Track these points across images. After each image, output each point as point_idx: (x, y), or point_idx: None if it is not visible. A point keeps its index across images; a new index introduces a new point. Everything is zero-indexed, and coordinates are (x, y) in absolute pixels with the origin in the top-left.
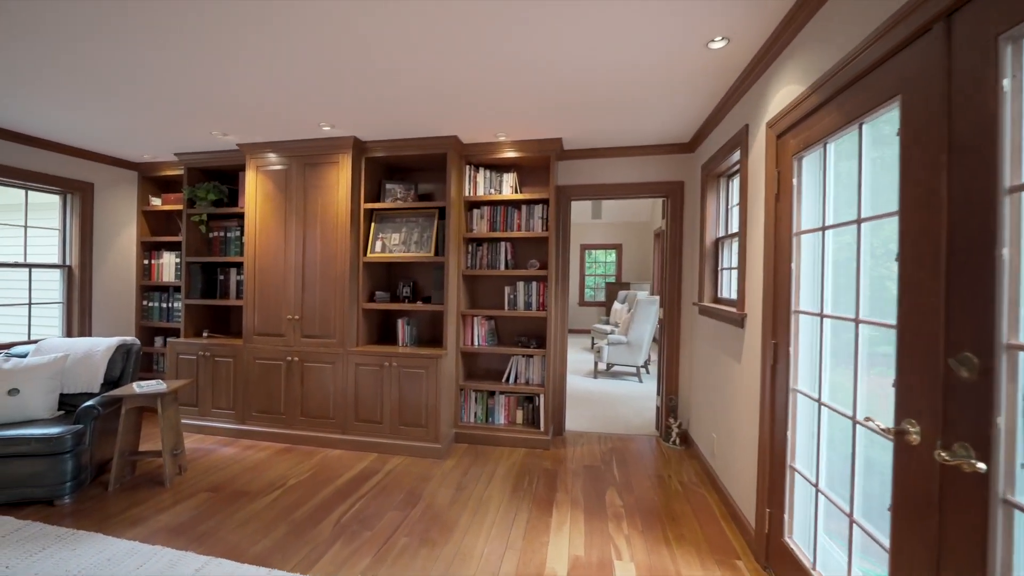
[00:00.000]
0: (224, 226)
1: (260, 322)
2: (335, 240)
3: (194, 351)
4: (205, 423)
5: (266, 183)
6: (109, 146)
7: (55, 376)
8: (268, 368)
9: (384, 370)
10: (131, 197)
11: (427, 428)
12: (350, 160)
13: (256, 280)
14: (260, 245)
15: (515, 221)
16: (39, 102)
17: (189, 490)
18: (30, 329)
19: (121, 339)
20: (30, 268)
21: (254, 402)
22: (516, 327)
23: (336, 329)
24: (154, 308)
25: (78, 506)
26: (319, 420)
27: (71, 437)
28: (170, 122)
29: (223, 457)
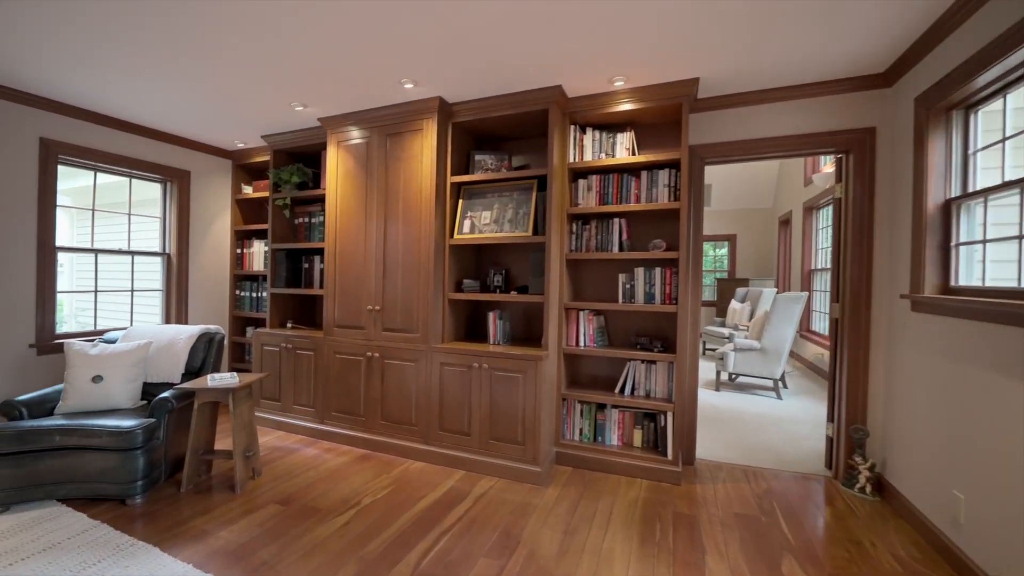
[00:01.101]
0: (308, 211)
1: (340, 313)
2: (418, 219)
3: (277, 342)
4: (286, 419)
5: (347, 159)
6: (202, 131)
7: (138, 364)
8: (348, 364)
9: (473, 372)
10: (225, 185)
11: (524, 446)
12: (435, 126)
13: (336, 267)
14: (340, 228)
15: (631, 191)
16: (132, 82)
17: (259, 500)
18: (132, 316)
19: (204, 327)
20: (132, 255)
21: (333, 400)
22: (632, 324)
23: (419, 322)
24: (245, 297)
25: (148, 508)
26: (400, 426)
27: (142, 432)
28: (250, 95)
29: (300, 460)
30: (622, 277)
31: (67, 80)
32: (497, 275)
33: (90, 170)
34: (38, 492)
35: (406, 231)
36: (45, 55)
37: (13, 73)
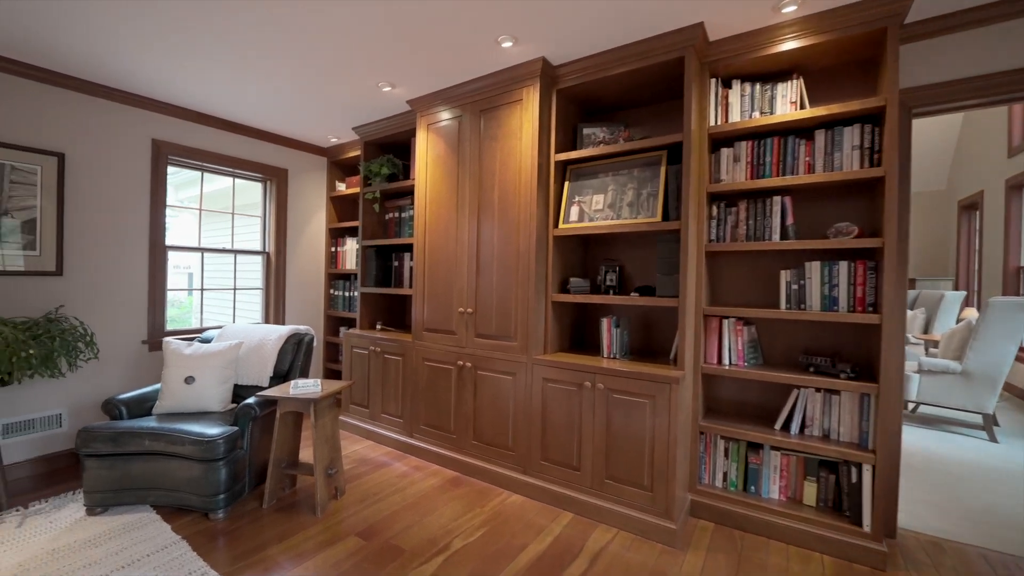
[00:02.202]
0: (398, 205)
1: (430, 315)
2: (517, 207)
3: (366, 345)
4: (375, 429)
5: (437, 143)
6: (297, 128)
7: (228, 365)
8: (437, 373)
9: (584, 392)
10: (321, 183)
11: (652, 492)
12: (536, 94)
13: (425, 264)
14: (430, 220)
15: (799, 158)
16: (230, 73)
17: (339, 528)
18: (234, 314)
19: (294, 328)
20: (235, 254)
21: (422, 412)
22: (798, 338)
23: (517, 328)
24: (339, 297)
25: (229, 524)
26: (495, 450)
27: (224, 442)
28: (338, 76)
29: (387, 479)
30: (786, 275)
31: (174, 79)
32: (610, 273)
33: (197, 170)
34: (131, 496)
35: (503, 221)
36: (154, 56)
37: (128, 77)
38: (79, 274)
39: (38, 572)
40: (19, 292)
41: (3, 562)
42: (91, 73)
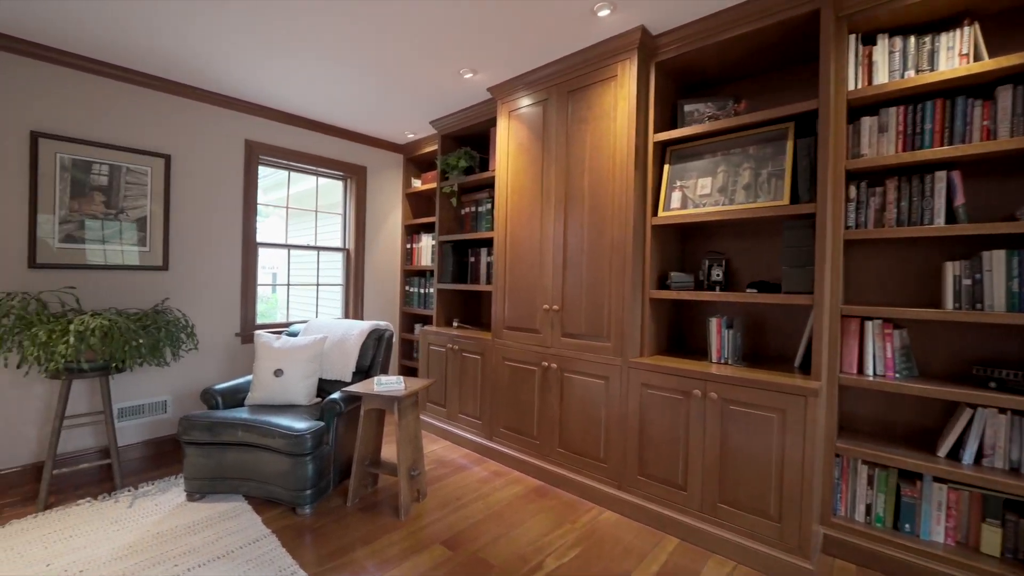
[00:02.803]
0: (475, 199)
1: (511, 312)
2: (610, 193)
3: (443, 343)
4: (452, 429)
5: (519, 130)
6: (375, 124)
7: (314, 359)
8: (519, 374)
9: (692, 402)
10: (397, 180)
11: (779, 522)
12: (634, 68)
13: (506, 258)
14: (511, 212)
15: (975, 123)
16: (312, 70)
17: (424, 535)
18: (317, 309)
19: (374, 324)
20: (318, 251)
21: (502, 415)
22: (965, 346)
23: (610, 328)
24: (414, 293)
25: (315, 521)
26: (584, 460)
27: (311, 437)
28: (418, 65)
29: (467, 483)
30: (953, 267)
31: (264, 81)
32: (715, 267)
33: (284, 169)
34: (226, 485)
35: (593, 211)
36: (247, 58)
37: (224, 79)
38: (181, 269)
39: (146, 555)
40: (131, 285)
41: (117, 541)
42: (193, 78)
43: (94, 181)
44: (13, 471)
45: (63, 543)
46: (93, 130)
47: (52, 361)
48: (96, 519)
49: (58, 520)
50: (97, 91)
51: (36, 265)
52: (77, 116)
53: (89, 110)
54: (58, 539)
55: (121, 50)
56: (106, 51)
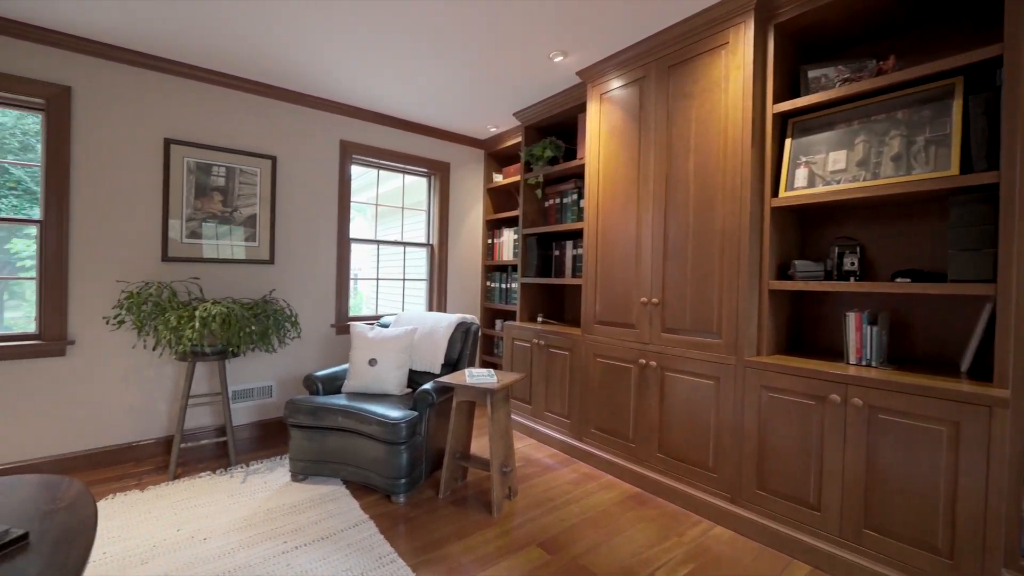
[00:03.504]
0: (560, 190)
1: (603, 306)
2: (720, 173)
3: (528, 338)
4: (537, 427)
5: (612, 113)
6: (459, 119)
7: (404, 350)
8: (613, 371)
9: (828, 408)
10: (478, 175)
11: (952, 559)
12: (750, 33)
13: (598, 249)
14: (603, 201)
15: None
16: (398, 70)
17: (518, 534)
18: (403, 303)
19: (461, 317)
20: (404, 246)
21: (593, 414)
22: None
23: (721, 323)
24: (495, 289)
25: (409, 511)
26: (689, 468)
27: (406, 426)
28: (506, 52)
29: (558, 484)
30: None
31: (356, 82)
32: (848, 254)
33: (374, 167)
34: (326, 468)
35: (700, 194)
36: (342, 61)
37: (322, 82)
38: (285, 263)
39: (258, 529)
40: (242, 277)
41: (233, 514)
42: (296, 83)
43: (213, 182)
44: (149, 443)
45: (190, 511)
46: (213, 135)
47: (180, 344)
48: (215, 491)
49: (185, 489)
50: (216, 99)
51: (167, 258)
52: (200, 123)
53: (210, 117)
54: (185, 507)
55: (237, 61)
56: (224, 63)
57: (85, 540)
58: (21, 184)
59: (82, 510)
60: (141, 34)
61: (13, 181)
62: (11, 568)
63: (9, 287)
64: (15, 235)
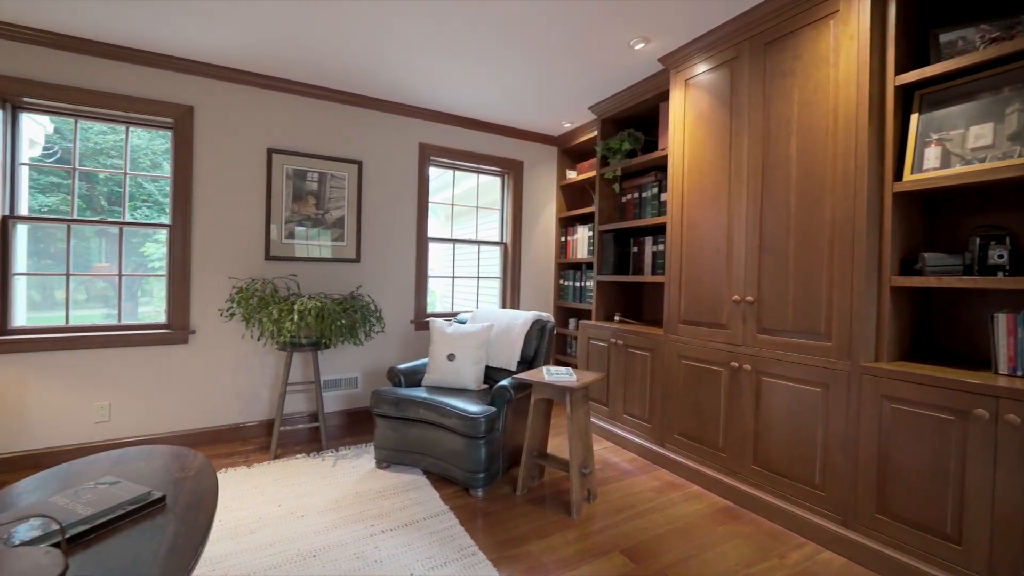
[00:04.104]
0: (638, 184)
1: (688, 305)
2: (828, 157)
3: (605, 337)
4: (615, 430)
5: (698, 100)
6: (532, 116)
7: (481, 346)
8: (699, 374)
9: (971, 425)
10: (551, 173)
11: None
12: (867, 1)
13: (682, 245)
14: (688, 192)
15: None
16: (475, 70)
17: (599, 539)
18: (478, 301)
19: (536, 314)
20: (479, 245)
21: (677, 419)
22: None
23: (831, 323)
24: (568, 287)
25: (487, 505)
26: (791, 484)
27: (485, 421)
28: (584, 43)
29: (639, 491)
30: None
31: (433, 86)
32: (995, 245)
33: (449, 168)
34: (408, 458)
35: (804, 181)
36: (421, 66)
37: (401, 88)
38: (370, 261)
39: (348, 510)
40: (331, 275)
41: (326, 494)
42: (379, 90)
43: (308, 187)
44: (253, 424)
45: (289, 488)
46: (307, 143)
47: (281, 335)
48: (310, 472)
49: (284, 468)
50: (310, 110)
51: (270, 257)
52: (296, 132)
53: (304, 126)
54: (285, 484)
55: (329, 74)
56: (318, 76)
57: (210, 506)
58: (151, 197)
59: (206, 480)
60: (252, 56)
61: (145, 194)
62: (153, 525)
63: (142, 285)
64: (147, 240)
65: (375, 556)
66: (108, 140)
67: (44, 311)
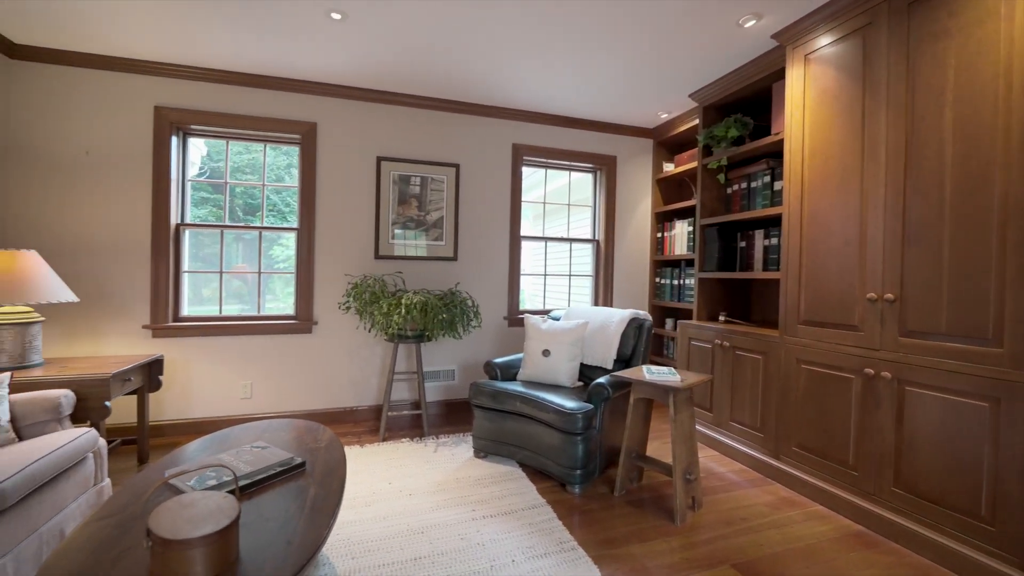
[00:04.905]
0: (746, 174)
1: (810, 304)
2: (997, 130)
3: (708, 338)
4: (720, 437)
5: (822, 75)
6: (627, 108)
7: (576, 343)
8: (824, 381)
9: None
10: (646, 167)
11: None
12: None
13: (802, 237)
14: (811, 180)
15: None
16: (572, 71)
17: (707, 551)
18: (569, 298)
19: (634, 312)
20: (570, 242)
21: (795, 430)
22: None
23: (1002, 325)
24: (665, 285)
25: (584, 503)
26: (947, 514)
27: (582, 417)
28: (688, 25)
29: (749, 505)
30: None
31: (527, 87)
32: None
33: (541, 167)
34: (505, 449)
35: (962, 159)
36: (516, 68)
37: (496, 92)
38: (466, 259)
39: (451, 493)
40: (430, 273)
41: (430, 477)
42: (475, 95)
43: (411, 191)
44: (364, 408)
45: (396, 469)
46: (410, 150)
47: (390, 327)
48: (414, 456)
49: (392, 450)
50: (412, 118)
51: (378, 256)
52: (400, 140)
53: (407, 134)
54: (393, 465)
55: (430, 83)
56: (420, 86)
57: (341, 474)
58: (276, 207)
59: (335, 452)
60: (364, 73)
61: (271, 204)
62: (297, 486)
63: (267, 283)
64: (275, 244)
65: (477, 539)
66: (243, 159)
67: (194, 305)
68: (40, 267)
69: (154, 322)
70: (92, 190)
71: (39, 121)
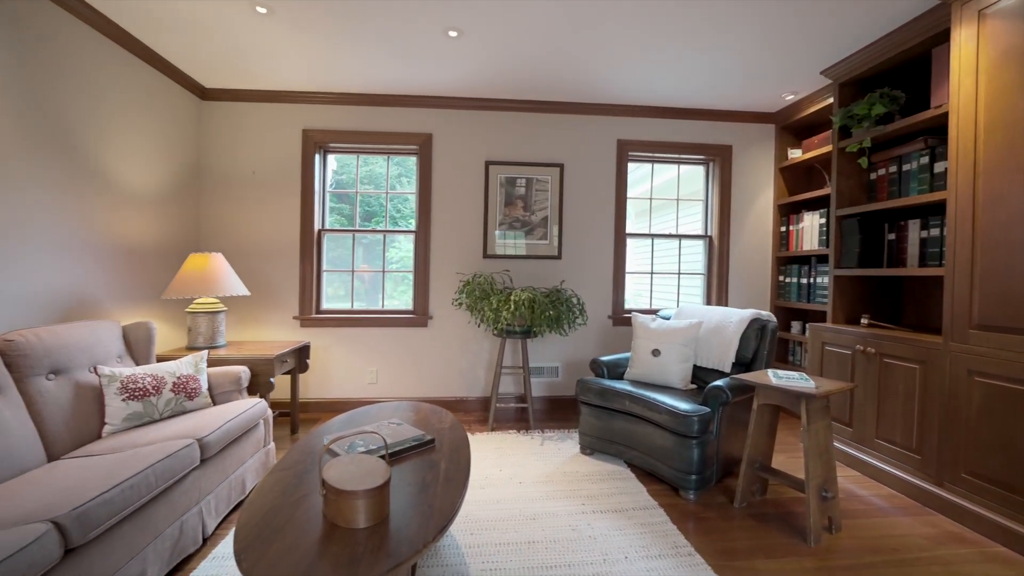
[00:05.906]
0: (895, 155)
1: (985, 305)
2: None
3: (848, 343)
4: (861, 456)
5: (1003, 34)
6: (746, 92)
7: (688, 343)
8: (1008, 398)
9: None
10: (767, 155)
11: None
12: None
13: (974, 226)
14: (986, 159)
15: None
16: (679, 60)
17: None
18: (678, 297)
19: (755, 312)
20: (679, 239)
21: (967, 454)
22: None
23: None
24: (791, 284)
25: (700, 510)
26: None
27: (698, 420)
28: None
29: (904, 535)
30: None
31: (631, 81)
32: None
33: (648, 162)
34: (611, 447)
35: None
36: (624, 64)
37: (600, 90)
38: (570, 257)
39: (559, 486)
40: (535, 271)
41: (538, 468)
42: (577, 94)
43: (517, 192)
44: (473, 399)
45: (505, 458)
46: (515, 152)
47: (498, 323)
48: (521, 447)
49: (499, 440)
50: (516, 122)
51: (487, 255)
52: (506, 144)
53: (512, 137)
54: (502, 453)
55: (534, 87)
56: (524, 91)
57: (466, 452)
58: (390, 213)
59: (458, 433)
60: (478, 84)
61: (391, 210)
62: (430, 459)
63: (384, 282)
64: (390, 247)
65: (588, 532)
66: (363, 171)
67: (330, 301)
68: (224, 266)
69: (302, 313)
70: (257, 203)
71: (220, 149)
